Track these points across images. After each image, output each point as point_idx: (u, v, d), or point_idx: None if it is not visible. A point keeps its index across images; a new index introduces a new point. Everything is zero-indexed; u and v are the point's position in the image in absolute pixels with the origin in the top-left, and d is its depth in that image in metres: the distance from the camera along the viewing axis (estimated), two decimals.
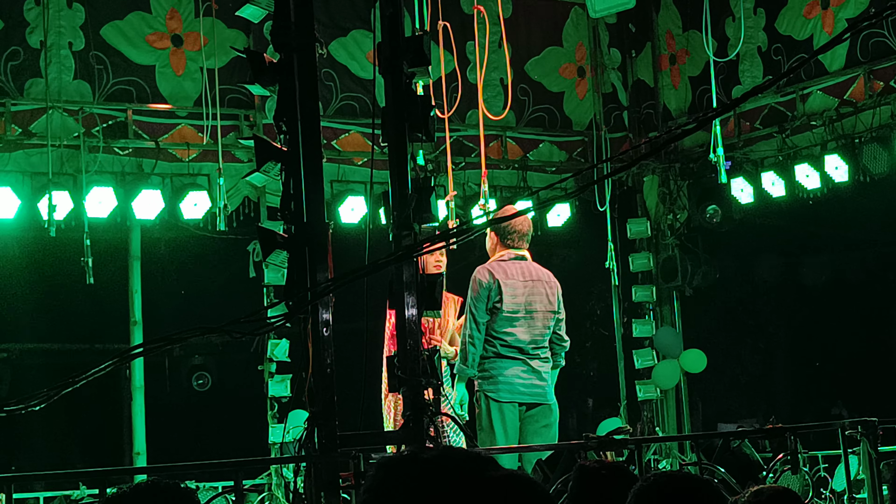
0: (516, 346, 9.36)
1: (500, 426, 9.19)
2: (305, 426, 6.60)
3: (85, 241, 12.80)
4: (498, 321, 9.29)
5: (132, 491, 3.36)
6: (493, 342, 9.31)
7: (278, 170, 6.74)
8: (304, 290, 6.47)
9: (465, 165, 14.78)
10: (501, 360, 9.30)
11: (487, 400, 9.26)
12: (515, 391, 9.30)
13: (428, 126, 6.96)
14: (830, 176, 14.11)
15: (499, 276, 9.28)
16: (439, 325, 9.87)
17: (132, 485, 3.48)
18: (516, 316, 9.37)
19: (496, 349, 9.31)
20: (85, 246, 12.81)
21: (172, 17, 13.67)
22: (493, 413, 9.22)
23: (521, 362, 9.36)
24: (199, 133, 13.56)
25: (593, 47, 16.21)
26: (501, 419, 9.21)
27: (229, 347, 18.51)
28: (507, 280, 9.31)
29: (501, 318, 9.29)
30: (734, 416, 18.94)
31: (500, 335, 9.30)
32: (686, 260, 16.13)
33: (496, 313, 9.28)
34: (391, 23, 6.94)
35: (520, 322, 9.38)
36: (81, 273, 12.87)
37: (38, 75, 12.97)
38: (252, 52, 6.98)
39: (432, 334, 9.73)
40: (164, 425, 15.89)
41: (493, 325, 9.30)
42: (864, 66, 13.99)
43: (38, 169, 12.86)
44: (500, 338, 9.30)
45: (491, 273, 9.28)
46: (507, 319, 9.32)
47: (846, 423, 8.09)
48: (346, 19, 14.50)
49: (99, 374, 6.21)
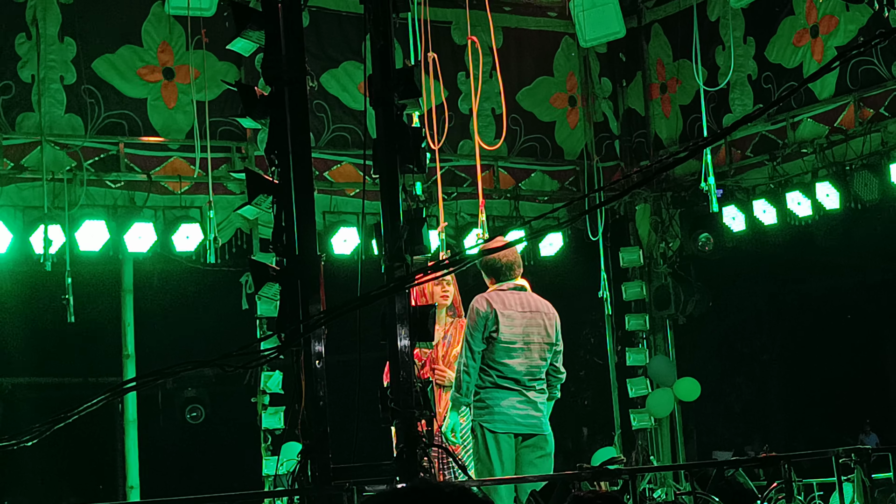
0: (513, 376, 9.31)
1: (497, 457, 9.14)
2: (299, 459, 6.59)
3: (66, 280, 12.74)
4: (495, 351, 9.23)
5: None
6: (490, 372, 9.25)
7: (270, 202, 6.75)
8: (297, 323, 6.47)
9: (457, 195, 14.80)
10: (497, 390, 9.25)
11: (483, 430, 9.21)
12: (511, 421, 9.25)
13: (419, 157, 6.97)
14: (822, 203, 14.14)
15: (496, 305, 9.24)
16: (444, 354, 9.78)
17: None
18: (514, 347, 9.32)
19: (493, 379, 9.25)
20: (66, 284, 12.75)
21: (164, 51, 13.69)
22: (489, 444, 9.17)
23: (518, 393, 9.31)
24: (191, 166, 13.57)
25: (584, 77, 16.25)
26: (497, 450, 9.17)
27: (223, 380, 18.45)
28: (505, 311, 9.27)
29: (498, 349, 9.24)
30: (729, 444, 18.90)
31: (496, 365, 9.25)
32: (679, 288, 16.14)
33: (493, 343, 9.22)
34: (382, 54, 6.95)
35: (517, 353, 9.32)
36: (74, 307, 12.84)
37: (30, 109, 12.98)
38: (243, 86, 7.00)
39: (434, 364, 9.67)
40: (158, 459, 15.83)
41: (491, 355, 9.24)
42: (853, 94, 14.04)
43: (30, 203, 12.86)
44: (496, 368, 9.25)
45: (489, 302, 9.24)
46: (505, 350, 9.27)
47: (840, 450, 8.08)
48: (338, 51, 14.54)
49: (92, 409, 6.20)
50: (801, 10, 14.38)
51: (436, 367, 9.64)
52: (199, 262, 13.57)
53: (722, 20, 15.20)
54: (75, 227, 12.85)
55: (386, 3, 6.93)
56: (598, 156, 16.10)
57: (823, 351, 18.84)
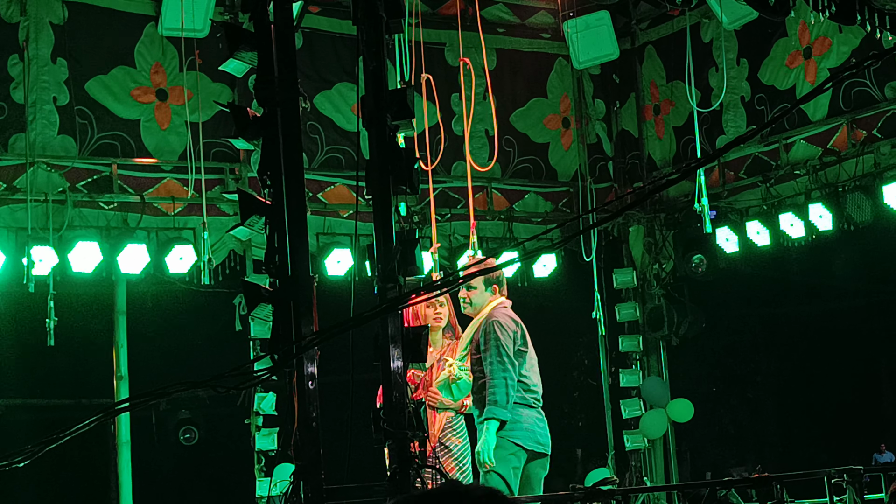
0: (534, 391, 9.26)
1: (513, 472, 9.01)
2: (291, 480, 6.57)
3: (49, 303, 12.70)
4: (523, 366, 9.17)
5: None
6: (518, 387, 9.14)
7: (263, 223, 6.74)
8: (290, 344, 6.46)
9: (450, 217, 14.82)
10: (523, 406, 9.16)
11: (510, 445, 9.01)
12: (534, 439, 9.16)
13: (412, 178, 6.97)
14: (815, 224, 14.16)
15: (519, 320, 9.21)
16: (436, 377, 9.65)
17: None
18: (533, 362, 9.29)
19: (521, 394, 9.16)
20: (49, 307, 12.71)
21: (157, 72, 13.70)
22: (511, 459, 9.00)
23: (537, 410, 9.27)
24: (185, 187, 13.57)
25: (578, 98, 16.29)
26: (516, 465, 9.05)
27: (216, 401, 18.41)
28: (523, 326, 9.24)
29: (524, 364, 9.17)
30: (722, 465, 18.88)
31: (523, 380, 9.18)
32: (672, 309, 16.14)
33: (521, 357, 9.16)
34: (375, 76, 6.96)
35: (534, 368, 9.29)
36: (67, 328, 12.82)
37: (23, 130, 12.98)
38: (236, 107, 7.00)
39: (429, 386, 9.55)
40: (151, 480, 15.80)
41: (520, 369, 9.15)
42: (846, 116, 14.08)
43: (23, 224, 12.84)
44: (523, 382, 9.18)
45: (514, 318, 9.20)
46: (530, 365, 9.23)
47: (832, 471, 8.07)
48: (331, 72, 14.56)
49: (85, 430, 6.18)
50: (794, 31, 14.42)
51: (430, 389, 9.57)
52: (192, 283, 13.55)
53: (715, 42, 15.24)
54: (68, 248, 12.84)
55: (379, 24, 6.94)
56: (592, 177, 16.12)
57: (817, 372, 18.82)
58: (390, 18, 6.98)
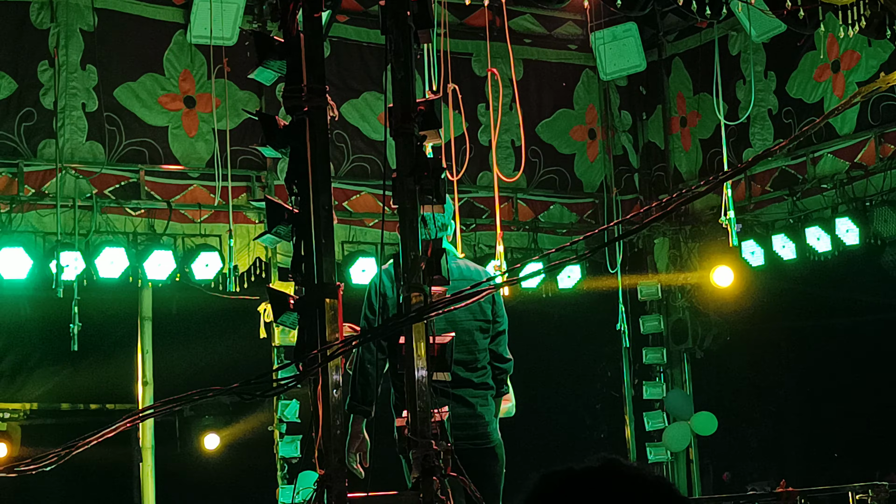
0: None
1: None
2: (315, 487, 6.58)
3: (73, 308, 12.76)
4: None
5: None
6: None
7: (289, 231, 6.75)
8: (315, 352, 6.47)
9: (475, 227, 14.83)
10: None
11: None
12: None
13: (439, 188, 6.97)
14: (841, 239, 14.12)
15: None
16: None
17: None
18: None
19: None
20: (73, 312, 12.76)
21: (185, 79, 13.76)
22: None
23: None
24: (211, 194, 13.61)
25: (604, 109, 16.29)
26: None
27: (240, 408, 18.48)
28: None
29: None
30: (745, 479, 18.83)
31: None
32: (697, 322, 16.13)
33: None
34: (402, 85, 6.96)
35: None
36: (93, 333, 12.88)
37: (52, 136, 13.04)
38: (264, 115, 7.00)
39: None
40: (174, 486, 15.83)
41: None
42: (874, 130, 14.04)
43: (50, 230, 12.91)
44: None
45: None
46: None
47: (856, 486, 8.05)
48: (358, 82, 14.59)
49: (110, 435, 6.21)
50: (822, 45, 14.39)
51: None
52: (217, 290, 13.60)
53: (743, 54, 15.22)
54: (95, 254, 12.90)
55: (407, 34, 6.95)
56: (618, 188, 16.12)
57: (842, 387, 18.76)
58: (419, 28, 6.99)
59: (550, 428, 17.29)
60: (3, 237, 12.63)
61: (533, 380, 14.63)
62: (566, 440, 17.65)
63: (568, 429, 18.17)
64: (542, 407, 16.65)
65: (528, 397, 10.12)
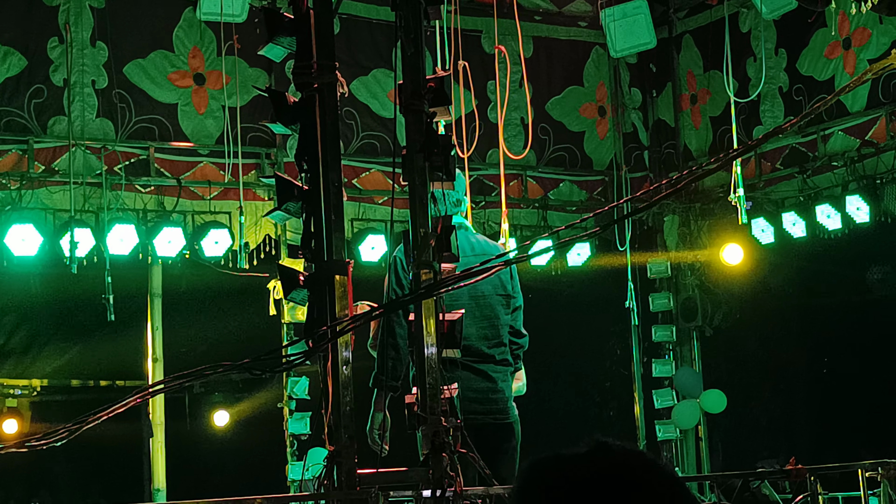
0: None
1: None
2: (325, 464, 6.59)
3: (106, 279, 12.83)
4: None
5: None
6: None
7: (299, 208, 6.75)
8: (324, 328, 6.48)
9: (485, 204, 14.82)
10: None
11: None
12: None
13: (449, 165, 6.97)
14: (852, 216, 14.10)
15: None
16: None
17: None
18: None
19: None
20: (106, 283, 12.83)
21: (195, 56, 13.75)
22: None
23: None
24: (221, 171, 13.61)
25: (614, 87, 16.26)
26: None
27: (249, 385, 18.53)
28: None
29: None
30: (754, 456, 18.83)
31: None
32: (706, 300, 16.12)
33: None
34: (412, 62, 6.96)
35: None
36: (102, 310, 12.91)
37: (62, 113, 13.05)
38: (274, 92, 7.00)
39: None
40: (184, 461, 15.89)
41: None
42: (885, 107, 14.00)
43: (61, 206, 12.92)
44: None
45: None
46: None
47: (867, 464, 8.05)
48: (368, 58, 14.57)
49: (120, 411, 6.23)
50: (833, 22, 14.34)
51: None
52: (227, 267, 13.61)
53: (753, 31, 15.18)
54: (105, 230, 12.91)
55: (417, 11, 6.95)
56: (627, 166, 16.10)
57: (853, 365, 18.75)
58: (429, 5, 6.98)
59: (560, 405, 17.29)
60: (13, 214, 12.65)
61: (542, 357, 14.62)
62: (576, 418, 17.66)
63: (577, 406, 18.19)
64: (552, 384, 16.66)
65: (537, 374, 10.09)
